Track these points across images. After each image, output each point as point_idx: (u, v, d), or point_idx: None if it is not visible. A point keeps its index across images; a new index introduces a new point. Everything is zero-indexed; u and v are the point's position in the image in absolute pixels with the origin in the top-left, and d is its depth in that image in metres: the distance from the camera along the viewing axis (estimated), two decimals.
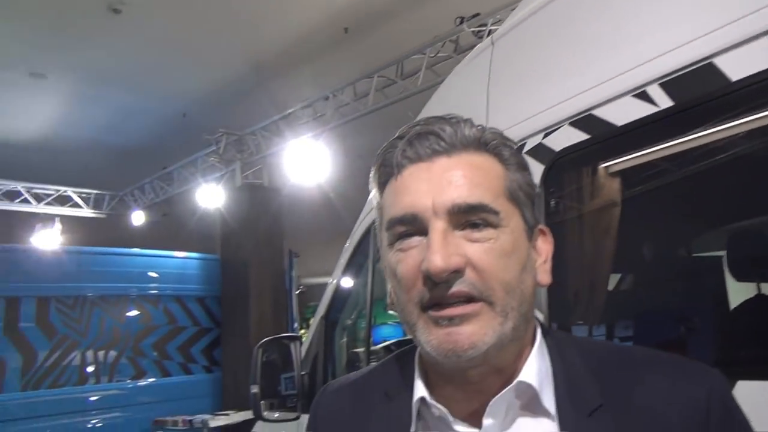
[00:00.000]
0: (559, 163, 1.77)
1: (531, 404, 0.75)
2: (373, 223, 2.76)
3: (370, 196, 3.08)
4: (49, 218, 8.57)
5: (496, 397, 0.74)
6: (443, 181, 0.74)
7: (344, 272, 2.93)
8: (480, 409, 0.75)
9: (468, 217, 0.74)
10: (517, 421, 0.75)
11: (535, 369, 0.75)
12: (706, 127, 1.22)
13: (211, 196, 6.54)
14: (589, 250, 1.64)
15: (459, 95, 2.05)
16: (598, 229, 1.62)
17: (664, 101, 1.23)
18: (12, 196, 8.41)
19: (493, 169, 0.77)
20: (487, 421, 0.75)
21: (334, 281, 2.95)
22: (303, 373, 2.72)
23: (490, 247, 0.73)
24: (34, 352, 5.27)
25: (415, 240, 0.75)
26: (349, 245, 2.89)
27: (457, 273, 0.72)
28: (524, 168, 0.80)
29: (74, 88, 6.26)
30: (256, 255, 5.85)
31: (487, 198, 0.74)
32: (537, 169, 1.74)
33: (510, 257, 0.74)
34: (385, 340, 5.55)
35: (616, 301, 1.69)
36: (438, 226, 0.73)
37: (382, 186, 0.81)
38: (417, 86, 5.02)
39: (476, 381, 0.76)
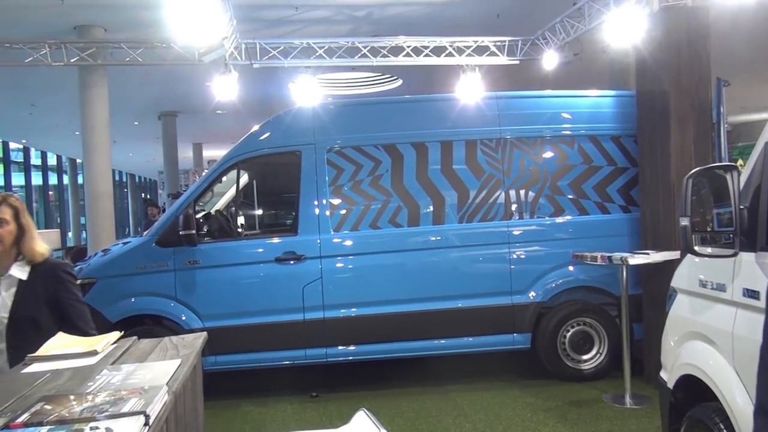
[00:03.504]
0: None
1: None
2: None
3: None
4: (470, 68, 9.21)
5: None
6: None
7: None
8: None
9: None
10: None
11: None
12: None
13: (624, 27, 6.09)
14: None
15: None
16: None
17: None
18: (438, 51, 9.23)
19: None
20: None
21: None
22: (742, 206, 2.41)
23: None
24: (466, 190, 5.88)
25: None
26: None
27: None
28: None
29: None
30: (676, 85, 5.27)
31: None
32: None
33: None
34: None
35: None
36: None
37: None
38: None
39: None
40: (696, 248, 2.59)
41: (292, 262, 5.62)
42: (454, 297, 5.73)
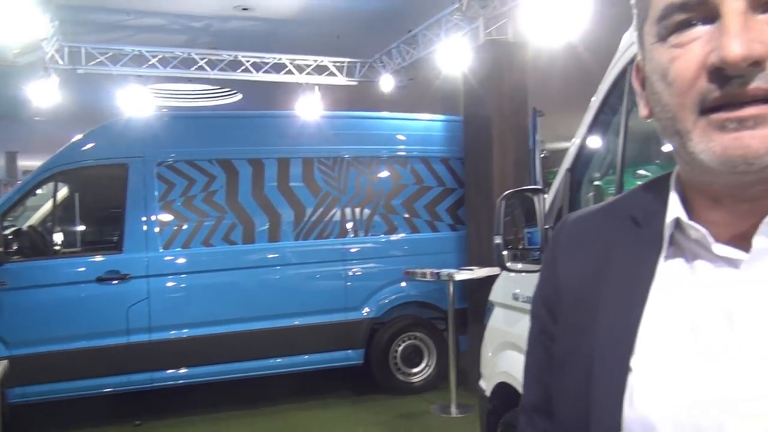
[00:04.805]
0: None
1: None
2: (628, 65, 2.49)
3: (624, 37, 2.66)
4: (309, 87, 9.27)
5: None
6: None
7: (591, 127, 2.72)
8: (749, 231, 0.62)
9: None
10: None
11: None
12: None
13: (454, 56, 6.47)
14: None
15: None
16: None
17: None
18: (278, 68, 9.20)
19: None
20: (759, 242, 0.61)
21: (581, 135, 2.76)
22: (547, 226, 2.64)
23: None
24: (303, 208, 5.89)
25: (698, 30, 0.61)
26: (596, 98, 2.66)
27: (756, 66, 0.57)
28: None
29: None
30: (499, 113, 5.70)
31: None
32: None
33: None
34: None
35: None
36: (735, 7, 0.59)
37: None
38: None
39: (753, 199, 0.62)
40: (507, 264, 2.79)
41: (115, 281, 5.26)
42: (289, 315, 5.69)
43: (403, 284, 6.00)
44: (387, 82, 8.89)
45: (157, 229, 5.46)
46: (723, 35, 0.58)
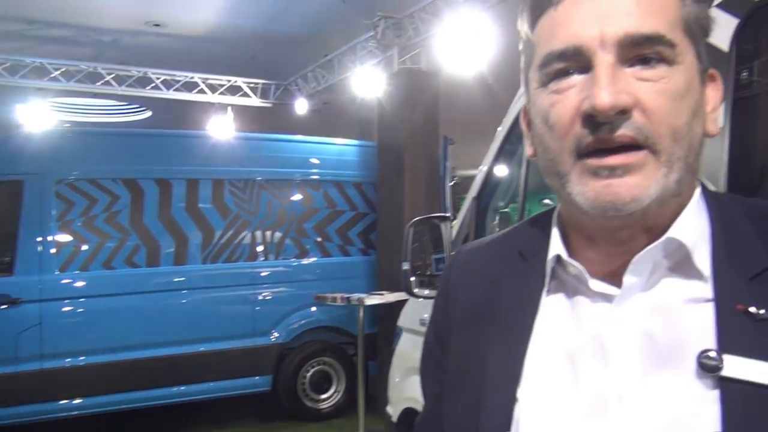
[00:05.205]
0: (759, 16, 1.49)
1: (681, 265, 0.66)
2: None
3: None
4: (222, 107, 9.12)
5: (641, 253, 0.65)
6: (612, 9, 0.65)
7: (497, 156, 2.82)
8: (621, 269, 0.67)
9: (640, 51, 0.64)
10: (662, 282, 0.66)
11: (689, 227, 0.66)
12: None
13: (368, 83, 6.55)
14: None
15: None
16: None
17: None
18: (190, 87, 9.01)
19: None
20: (628, 279, 0.67)
21: (487, 164, 2.85)
22: (453, 253, 2.69)
23: (662, 87, 0.64)
24: (211, 230, 5.75)
25: (574, 79, 0.66)
26: (503, 128, 2.76)
27: (623, 114, 0.63)
28: None
29: None
30: (411, 140, 5.83)
31: (663, 28, 0.64)
32: (727, 24, 1.48)
33: (682, 100, 0.65)
34: None
35: None
36: (605, 60, 0.64)
37: (535, 18, 0.70)
38: None
39: (624, 241, 0.67)
40: (415, 290, 2.82)
41: (4, 306, 4.92)
42: (195, 341, 5.51)
43: (314, 309, 5.94)
44: (302, 105, 8.88)
45: (53, 251, 5.17)
46: (594, 86, 0.63)
